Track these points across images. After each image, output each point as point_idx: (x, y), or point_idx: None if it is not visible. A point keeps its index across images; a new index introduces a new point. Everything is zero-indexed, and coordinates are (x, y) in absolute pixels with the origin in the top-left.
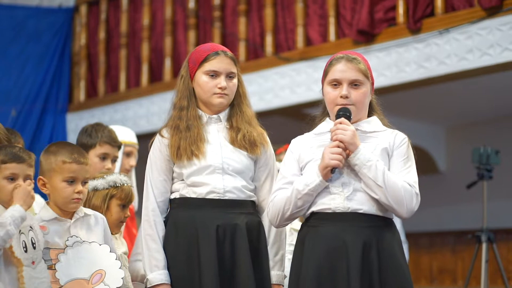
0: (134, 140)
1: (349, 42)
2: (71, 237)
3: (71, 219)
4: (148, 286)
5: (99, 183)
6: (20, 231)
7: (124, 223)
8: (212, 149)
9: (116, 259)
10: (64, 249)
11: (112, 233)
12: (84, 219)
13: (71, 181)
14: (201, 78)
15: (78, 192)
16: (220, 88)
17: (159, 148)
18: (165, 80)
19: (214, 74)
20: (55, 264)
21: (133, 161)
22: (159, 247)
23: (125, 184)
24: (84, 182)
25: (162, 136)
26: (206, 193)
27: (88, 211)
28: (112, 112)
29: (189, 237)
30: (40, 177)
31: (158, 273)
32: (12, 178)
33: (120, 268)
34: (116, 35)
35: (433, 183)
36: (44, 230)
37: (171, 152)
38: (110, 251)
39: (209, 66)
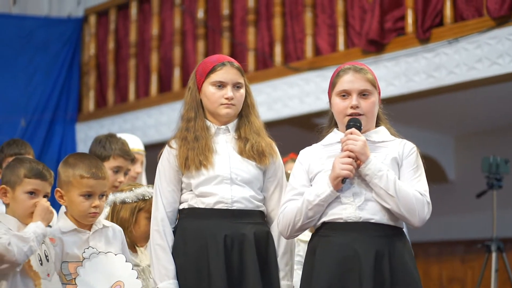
0: (139, 147)
1: (358, 52)
2: (88, 248)
3: (89, 230)
4: None
5: (127, 196)
6: None
7: None
8: (221, 159)
9: (132, 269)
10: (82, 261)
11: (139, 246)
12: (102, 231)
13: (88, 195)
14: (208, 89)
15: (95, 207)
16: (226, 98)
17: (167, 159)
18: (174, 90)
19: (220, 85)
20: (75, 278)
21: (139, 168)
22: (169, 256)
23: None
24: (102, 195)
25: (170, 147)
26: (214, 203)
27: (106, 222)
28: (121, 122)
29: (197, 247)
30: (58, 189)
31: (168, 283)
32: (32, 193)
33: (137, 278)
34: (125, 45)
35: (442, 192)
36: (53, 242)
37: (179, 162)
38: (126, 261)
39: (215, 77)
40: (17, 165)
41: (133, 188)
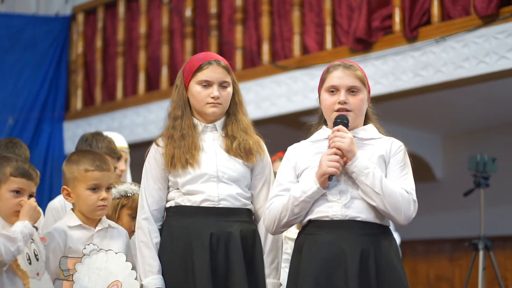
0: (123, 144)
1: (346, 50)
2: (88, 245)
3: (95, 228)
4: None
5: None
6: None
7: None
8: (207, 157)
9: (132, 269)
10: (81, 258)
11: None
12: (107, 230)
13: (95, 189)
14: (194, 88)
15: (103, 199)
16: (213, 97)
17: (154, 157)
18: (162, 89)
19: (206, 84)
20: (72, 274)
21: (123, 166)
22: (153, 253)
23: (136, 194)
24: (108, 188)
25: (157, 145)
26: (201, 201)
27: (113, 224)
28: (109, 120)
29: (183, 245)
30: (64, 187)
31: (152, 278)
32: (18, 192)
33: (135, 279)
34: (113, 43)
35: (430, 191)
36: (44, 242)
37: (165, 161)
38: (126, 260)
39: (201, 76)
40: (4, 163)
41: (116, 185)
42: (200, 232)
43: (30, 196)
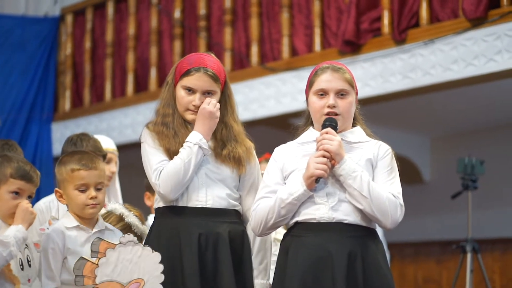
0: (111, 146)
1: (335, 52)
2: (128, 235)
3: (92, 229)
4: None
5: None
6: None
7: None
8: None
9: (161, 273)
10: (116, 245)
11: None
12: (105, 232)
13: (83, 189)
14: (179, 91)
15: (92, 198)
16: (194, 105)
17: (152, 138)
18: (150, 90)
19: (190, 90)
20: (100, 258)
21: (113, 167)
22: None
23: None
24: (99, 188)
25: (151, 131)
26: (189, 201)
27: (110, 227)
28: (98, 121)
29: (171, 246)
30: (57, 189)
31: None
32: (17, 193)
33: (161, 283)
34: (102, 44)
35: (418, 193)
36: (38, 248)
37: (163, 149)
38: (160, 262)
39: (187, 81)
40: (5, 164)
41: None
42: (188, 232)
43: (29, 197)
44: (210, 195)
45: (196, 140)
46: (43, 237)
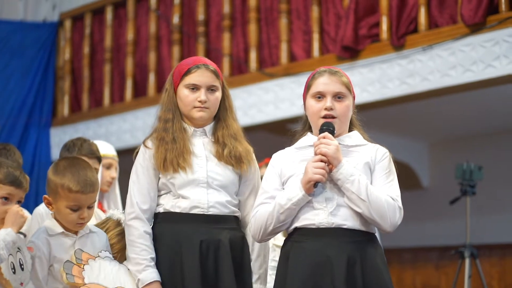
0: (112, 152)
1: (333, 58)
2: (104, 251)
3: (76, 234)
4: (140, 286)
5: None
6: None
7: None
8: (198, 162)
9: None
10: (96, 258)
11: None
12: (88, 236)
13: (76, 209)
14: (182, 91)
15: (83, 218)
16: (200, 101)
17: (144, 157)
18: (149, 95)
19: (194, 88)
20: (84, 265)
21: (113, 173)
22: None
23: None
24: (90, 207)
25: (146, 147)
26: (190, 208)
27: (93, 228)
28: (96, 126)
29: (172, 252)
30: (45, 196)
31: (149, 272)
32: (6, 199)
33: None
34: (101, 50)
35: (416, 199)
36: (31, 251)
37: (157, 163)
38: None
39: (189, 79)
40: None
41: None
42: (190, 240)
43: (19, 202)
44: (212, 202)
45: None
46: (29, 245)
